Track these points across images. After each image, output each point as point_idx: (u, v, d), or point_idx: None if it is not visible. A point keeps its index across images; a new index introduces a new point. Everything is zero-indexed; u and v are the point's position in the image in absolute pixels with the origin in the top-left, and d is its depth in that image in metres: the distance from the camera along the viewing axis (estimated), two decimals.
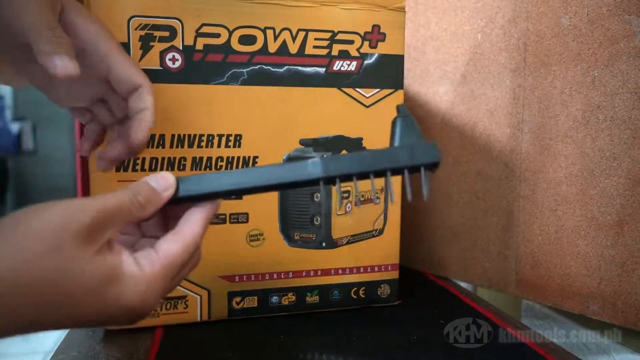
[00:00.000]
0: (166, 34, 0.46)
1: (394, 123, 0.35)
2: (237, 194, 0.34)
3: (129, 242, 0.36)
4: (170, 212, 0.35)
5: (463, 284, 0.67)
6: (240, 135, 0.49)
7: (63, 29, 0.35)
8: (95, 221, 0.28)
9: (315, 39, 0.49)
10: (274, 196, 0.51)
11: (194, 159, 0.48)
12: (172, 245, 0.31)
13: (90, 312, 0.28)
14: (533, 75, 0.56)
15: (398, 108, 0.35)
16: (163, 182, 0.33)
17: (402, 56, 0.53)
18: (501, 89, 0.59)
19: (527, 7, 0.57)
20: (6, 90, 3.38)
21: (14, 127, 3.42)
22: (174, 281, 0.33)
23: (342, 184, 0.52)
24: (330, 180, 0.33)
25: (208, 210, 0.34)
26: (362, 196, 0.54)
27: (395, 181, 0.54)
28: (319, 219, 0.52)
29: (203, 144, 0.48)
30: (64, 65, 0.33)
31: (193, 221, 0.33)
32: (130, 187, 0.31)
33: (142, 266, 0.30)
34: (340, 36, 0.50)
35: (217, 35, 0.47)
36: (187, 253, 0.32)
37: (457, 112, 0.64)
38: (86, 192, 0.47)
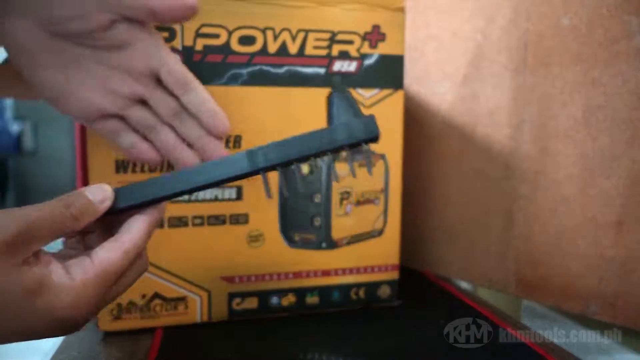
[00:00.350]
0: (165, 34, 0.46)
1: (329, 98, 0.34)
2: (175, 197, 0.33)
3: (71, 256, 0.35)
4: (115, 222, 0.34)
5: (463, 284, 0.67)
6: (240, 136, 0.49)
7: None
8: (21, 232, 0.27)
9: (315, 39, 0.49)
10: (274, 197, 0.51)
11: None
12: (110, 252, 0.31)
13: (19, 325, 0.27)
14: (533, 76, 0.56)
15: (333, 82, 0.35)
16: (100, 194, 0.32)
17: (402, 56, 0.53)
18: (501, 89, 0.59)
19: (527, 7, 0.57)
20: None
21: (14, 127, 3.42)
22: (115, 290, 0.32)
23: (340, 185, 0.52)
24: (272, 168, 0.33)
25: (151, 217, 0.33)
26: (362, 196, 0.54)
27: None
28: (319, 219, 0.52)
29: None
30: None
31: (134, 227, 0.32)
32: (63, 198, 0.31)
33: (73, 275, 0.29)
34: (340, 36, 0.50)
35: (217, 36, 0.47)
36: (126, 260, 0.31)
37: (457, 112, 0.64)
38: None
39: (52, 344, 0.49)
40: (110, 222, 0.34)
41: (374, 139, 0.33)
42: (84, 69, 0.38)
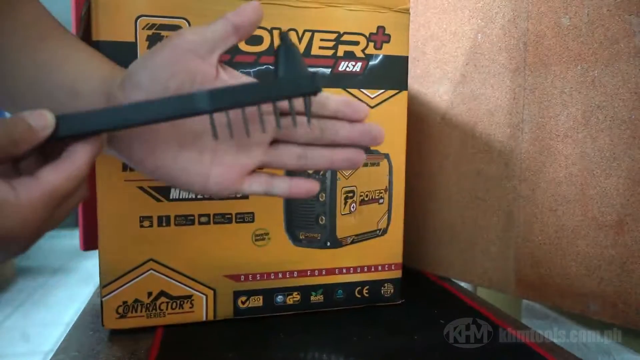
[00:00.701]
0: None
1: (277, 51, 0.35)
2: (118, 130, 0.33)
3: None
4: (52, 150, 0.33)
5: (463, 284, 0.68)
6: None
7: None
8: None
9: (321, 39, 0.50)
10: None
11: None
12: (55, 175, 0.30)
13: None
14: (533, 75, 0.57)
15: (282, 36, 0.36)
16: (41, 120, 0.31)
17: (407, 57, 0.53)
18: (501, 89, 0.60)
19: (527, 7, 0.57)
20: None
21: None
22: (58, 213, 0.32)
23: (346, 185, 0.53)
24: (218, 110, 0.34)
25: (93, 146, 0.32)
26: (366, 196, 0.54)
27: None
28: (324, 218, 0.53)
29: None
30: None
31: (77, 154, 0.32)
32: (3, 121, 0.30)
33: (19, 192, 0.29)
34: (345, 37, 0.50)
35: None
36: (69, 183, 0.31)
37: (457, 112, 0.65)
38: (92, 193, 0.47)
39: (52, 344, 0.49)
40: (46, 149, 0.33)
41: (315, 93, 0.34)
42: (202, 137, 0.36)
